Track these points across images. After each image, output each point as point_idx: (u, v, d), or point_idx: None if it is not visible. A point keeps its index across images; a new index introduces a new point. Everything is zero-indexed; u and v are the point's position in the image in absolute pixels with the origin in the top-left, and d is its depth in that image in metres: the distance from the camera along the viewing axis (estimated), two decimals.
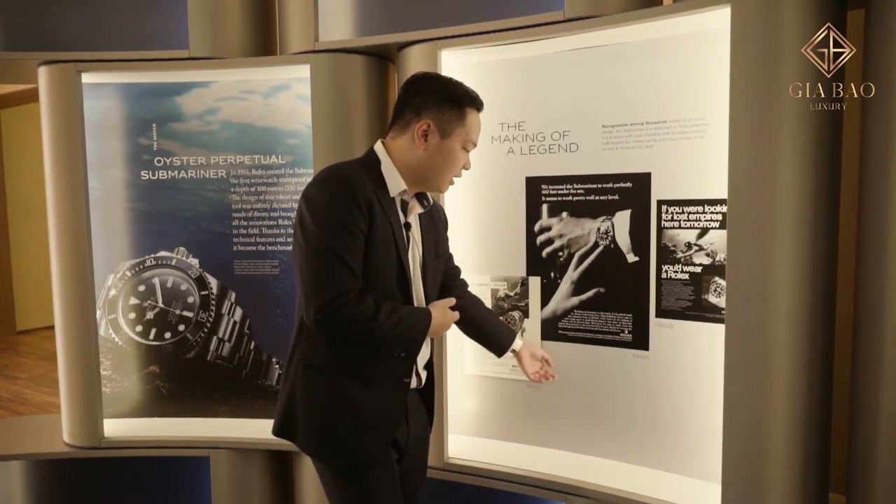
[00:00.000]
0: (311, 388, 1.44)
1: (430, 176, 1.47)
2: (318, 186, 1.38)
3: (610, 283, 1.93)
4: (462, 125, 1.45)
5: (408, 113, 1.46)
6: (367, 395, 1.42)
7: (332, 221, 1.34)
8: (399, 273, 1.44)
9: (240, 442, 2.32)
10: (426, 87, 1.46)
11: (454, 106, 1.44)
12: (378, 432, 1.44)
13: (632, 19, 1.71)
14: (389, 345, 1.41)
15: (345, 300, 1.33)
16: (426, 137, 1.43)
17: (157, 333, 2.42)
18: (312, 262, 1.35)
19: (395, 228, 1.43)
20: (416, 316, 1.44)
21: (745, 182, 1.57)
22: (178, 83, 2.32)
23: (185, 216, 2.38)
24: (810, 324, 1.58)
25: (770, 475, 1.60)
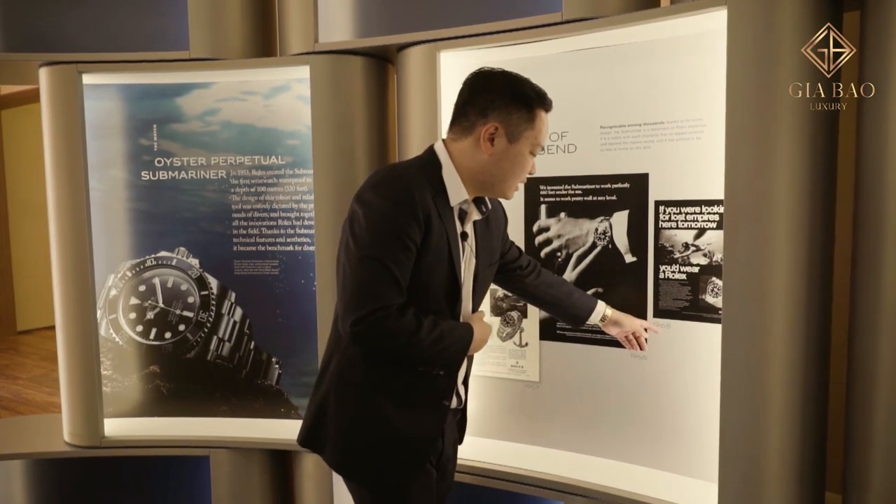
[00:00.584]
0: (345, 404, 1.36)
1: (496, 182, 1.37)
2: (376, 190, 1.29)
3: (608, 284, 1.93)
4: (531, 128, 1.35)
5: (472, 113, 1.34)
6: (403, 416, 1.34)
7: (386, 229, 1.25)
8: (449, 289, 1.36)
9: (240, 441, 2.33)
10: (492, 85, 1.35)
11: (523, 107, 1.34)
12: (412, 455, 1.37)
13: (629, 21, 1.72)
14: (428, 361, 1.33)
15: (385, 314, 1.24)
16: (493, 141, 1.33)
17: (157, 333, 2.43)
18: (357, 268, 1.25)
19: (451, 241, 1.34)
20: (458, 332, 1.35)
21: (742, 183, 1.58)
22: (178, 84, 2.33)
23: (185, 216, 2.39)
24: (806, 324, 1.59)
25: (767, 474, 1.61)
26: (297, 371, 2.39)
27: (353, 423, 1.37)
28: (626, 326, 1.74)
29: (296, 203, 2.35)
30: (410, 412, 1.36)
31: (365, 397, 1.36)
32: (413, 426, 1.36)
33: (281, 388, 2.41)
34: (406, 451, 1.37)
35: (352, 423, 1.37)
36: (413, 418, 1.36)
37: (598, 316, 1.72)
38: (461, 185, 1.36)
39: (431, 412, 1.38)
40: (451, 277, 1.35)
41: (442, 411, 1.39)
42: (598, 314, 1.72)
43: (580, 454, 2.01)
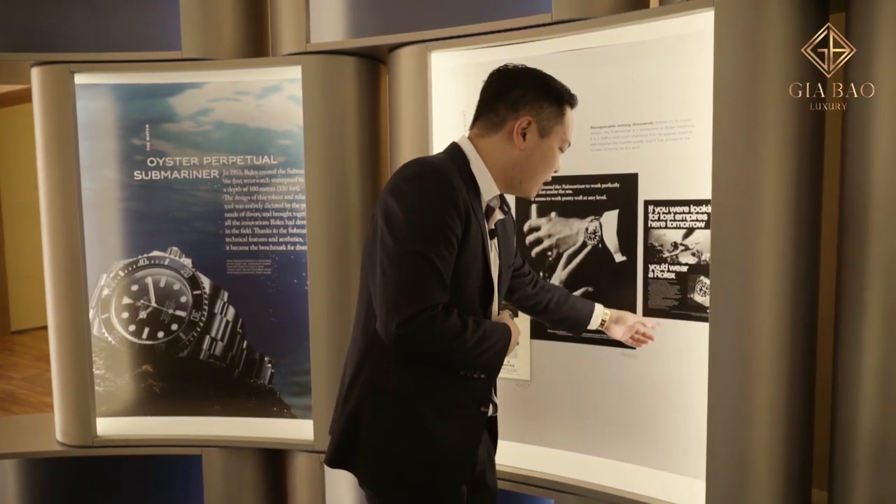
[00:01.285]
0: (380, 416, 1.28)
1: (525, 178, 1.35)
2: (413, 181, 1.22)
3: (598, 283, 1.95)
4: (561, 123, 1.35)
5: (502, 108, 1.32)
6: (443, 426, 1.27)
7: (427, 221, 1.18)
8: (483, 288, 1.32)
9: (232, 441, 2.34)
10: (522, 80, 1.34)
11: (554, 102, 1.33)
12: (454, 468, 1.30)
13: (618, 22, 1.73)
14: (471, 364, 1.28)
15: (433, 314, 1.17)
16: (524, 136, 1.32)
17: (150, 333, 2.43)
18: (398, 265, 1.17)
19: (484, 237, 1.30)
20: (498, 332, 1.29)
21: (729, 182, 1.59)
22: (171, 84, 2.34)
23: (177, 216, 2.39)
24: (793, 322, 1.60)
25: (753, 471, 1.63)
26: (290, 370, 2.40)
27: (391, 437, 1.28)
28: (630, 321, 1.74)
29: (288, 203, 2.35)
30: (450, 422, 1.29)
31: (402, 408, 1.28)
32: (453, 437, 1.29)
33: (273, 387, 2.41)
34: (446, 465, 1.30)
35: (388, 436, 1.28)
36: (453, 429, 1.29)
37: (598, 318, 1.71)
38: (492, 181, 1.33)
39: (471, 421, 1.32)
40: (484, 276, 1.31)
41: (481, 419, 1.33)
42: (597, 317, 1.72)
43: (570, 452, 2.02)
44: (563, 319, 1.71)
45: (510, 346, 1.33)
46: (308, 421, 2.30)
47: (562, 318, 1.71)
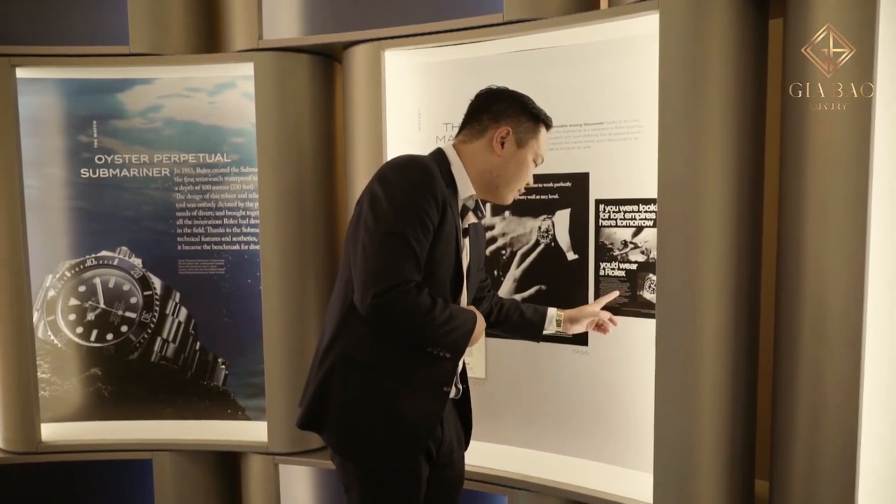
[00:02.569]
0: (350, 383, 1.39)
1: (501, 184, 1.51)
2: (398, 170, 1.38)
3: (551, 281, 1.97)
4: (536, 138, 1.52)
5: (485, 118, 1.50)
6: (406, 399, 1.39)
7: (408, 207, 1.32)
8: (455, 274, 1.44)
9: (184, 444, 2.29)
10: (505, 97, 1.52)
11: (531, 119, 1.51)
12: (414, 438, 1.41)
13: (567, 23, 1.76)
14: (438, 341, 1.39)
15: (406, 288, 1.30)
16: (503, 144, 1.48)
17: (98, 335, 2.37)
18: (380, 244, 1.31)
19: (458, 231, 1.43)
20: (465, 316, 1.42)
21: (674, 182, 1.63)
22: (119, 79, 2.28)
23: (127, 215, 2.33)
24: (736, 318, 1.65)
25: (699, 464, 1.67)
26: (244, 372, 2.36)
27: (358, 403, 1.39)
28: (586, 314, 1.77)
29: (242, 202, 2.32)
30: (414, 395, 1.40)
31: (370, 378, 1.39)
32: (415, 409, 1.40)
33: (227, 389, 2.37)
34: (406, 434, 1.40)
35: (356, 402, 1.39)
36: (416, 401, 1.40)
37: (553, 321, 1.76)
38: (468, 182, 1.48)
39: (433, 398, 1.43)
40: (456, 267, 1.44)
41: (443, 399, 1.44)
42: (551, 320, 1.76)
43: (524, 449, 2.04)
44: (518, 328, 1.76)
45: (475, 332, 1.44)
46: (262, 423, 2.27)
47: (517, 327, 1.76)
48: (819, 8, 1.40)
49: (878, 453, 1.46)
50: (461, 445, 1.61)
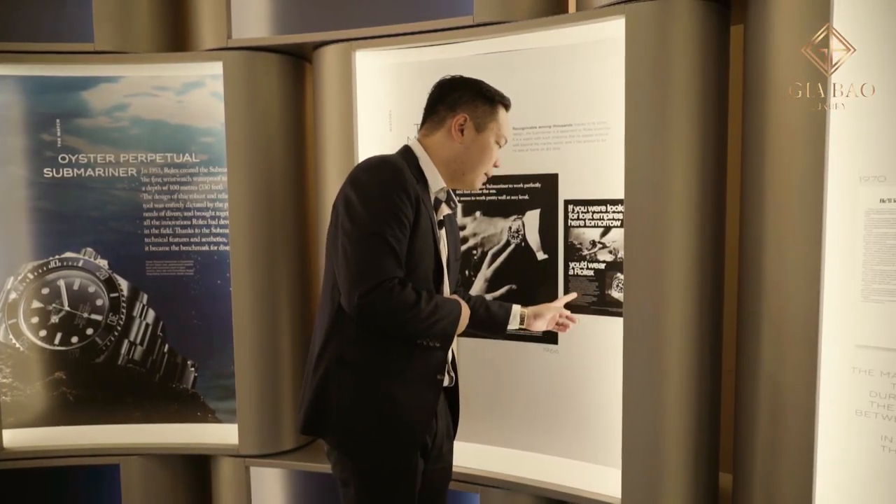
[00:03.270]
0: (345, 385, 1.42)
1: (466, 170, 1.53)
2: (369, 171, 1.40)
3: (521, 280, 1.99)
4: (495, 120, 1.53)
5: (442, 109, 1.52)
6: (402, 392, 1.43)
7: (383, 207, 1.35)
8: (435, 266, 1.47)
9: (152, 448, 2.26)
10: (459, 85, 1.53)
11: (487, 102, 1.52)
12: (412, 432, 1.45)
13: (535, 26, 1.78)
14: (426, 333, 1.42)
15: (390, 286, 1.33)
16: (463, 131, 1.50)
17: (62, 338, 2.32)
18: (359, 246, 1.34)
19: (433, 224, 1.46)
20: (450, 305, 1.46)
21: (640, 183, 1.66)
22: (83, 77, 2.23)
23: (92, 216, 2.29)
24: (700, 317, 1.69)
25: (666, 458, 1.70)
26: (215, 374, 2.34)
27: (355, 403, 1.42)
28: (549, 310, 1.79)
29: (211, 202, 2.29)
30: (408, 388, 1.43)
31: (365, 376, 1.42)
32: (411, 402, 1.44)
33: (197, 391, 2.35)
34: (404, 432, 1.44)
35: (353, 402, 1.42)
36: (411, 394, 1.44)
37: (517, 317, 1.77)
38: (438, 175, 1.51)
39: (428, 387, 1.46)
40: (436, 261, 1.47)
41: (437, 386, 1.48)
42: (515, 316, 1.78)
43: (495, 447, 2.06)
44: (483, 323, 1.76)
45: (461, 319, 1.48)
46: (232, 425, 2.25)
47: (482, 321, 1.76)
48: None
49: (834, 446, 1.51)
50: (450, 437, 1.63)
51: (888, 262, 1.43)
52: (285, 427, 2.24)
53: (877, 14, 1.40)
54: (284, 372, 2.22)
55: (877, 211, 1.44)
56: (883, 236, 1.43)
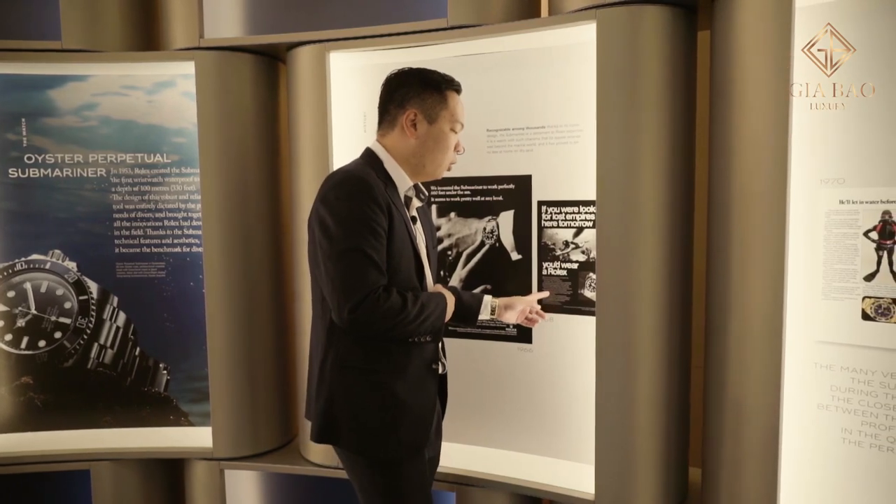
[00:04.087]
0: (352, 388, 1.47)
1: (426, 162, 1.54)
2: (336, 189, 1.42)
3: (496, 281, 2.02)
4: (445, 107, 1.53)
5: (392, 108, 1.53)
6: (405, 387, 1.47)
7: (355, 221, 1.38)
8: (417, 267, 1.51)
9: (124, 452, 2.23)
10: (404, 80, 1.53)
11: (435, 91, 1.52)
12: (420, 423, 1.50)
13: (509, 30, 1.80)
14: (417, 332, 1.47)
15: (375, 297, 1.37)
16: (415, 126, 1.51)
17: (29, 342, 2.27)
18: (339, 263, 1.38)
19: (407, 225, 1.49)
20: (435, 300, 1.51)
21: (611, 184, 1.69)
22: (50, 76, 2.19)
23: (60, 217, 2.25)
24: (670, 315, 1.73)
25: (637, 454, 1.74)
26: (188, 376, 2.31)
27: (364, 406, 1.47)
28: (521, 304, 1.79)
29: (183, 203, 2.27)
30: (410, 383, 1.49)
31: (369, 377, 1.47)
32: (415, 395, 1.49)
33: (170, 394, 2.32)
34: (413, 421, 1.49)
35: (362, 406, 1.47)
36: (413, 387, 1.49)
37: (488, 307, 1.77)
38: (404, 174, 1.53)
39: (426, 378, 1.52)
40: (415, 258, 1.50)
41: (435, 375, 1.55)
42: (486, 306, 1.77)
43: (471, 445, 2.08)
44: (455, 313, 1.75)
45: (448, 310, 1.55)
46: (206, 428, 2.23)
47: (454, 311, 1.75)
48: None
49: (798, 439, 1.56)
50: (440, 430, 1.68)
51: (847, 262, 1.49)
52: (260, 429, 2.23)
53: (841, 19, 1.45)
54: (259, 373, 2.21)
55: (836, 212, 1.49)
56: (842, 236, 1.49)
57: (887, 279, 1.45)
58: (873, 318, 1.47)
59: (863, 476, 1.50)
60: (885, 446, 1.47)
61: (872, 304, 1.46)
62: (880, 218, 1.45)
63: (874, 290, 1.46)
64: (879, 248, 1.46)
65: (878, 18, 1.41)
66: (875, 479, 1.49)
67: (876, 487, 1.49)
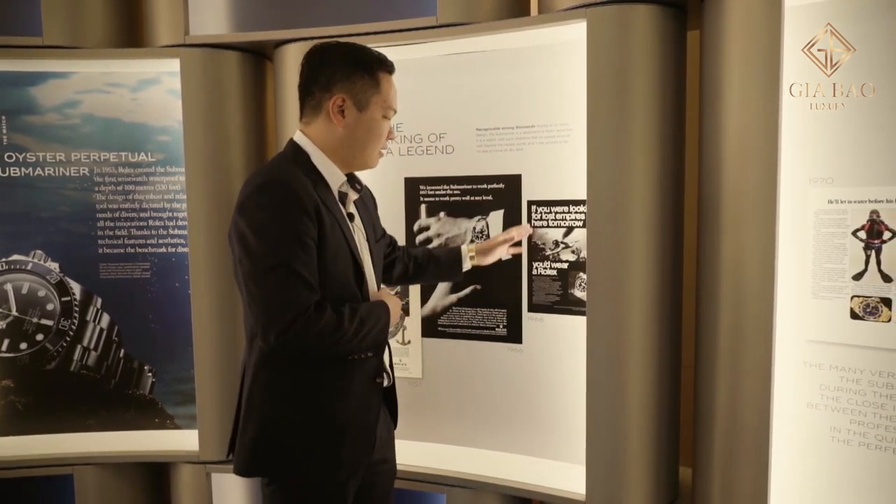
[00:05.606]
0: (286, 415, 1.31)
1: (356, 153, 1.36)
2: (256, 196, 1.23)
3: (485, 281, 2.00)
4: (378, 92, 1.34)
5: (317, 91, 1.32)
6: (345, 407, 1.33)
7: (279, 233, 1.21)
8: (354, 273, 1.35)
9: (108, 456, 2.19)
10: (331, 58, 1.32)
11: (365, 73, 1.32)
12: (362, 441, 1.36)
13: (498, 28, 1.79)
14: (356, 349, 1.32)
15: (306, 318, 1.21)
16: (343, 113, 1.32)
17: (10, 344, 2.22)
18: (262, 281, 1.21)
19: (342, 226, 1.33)
20: (376, 313, 1.35)
21: (602, 184, 1.69)
22: (31, 72, 2.15)
23: (42, 217, 2.20)
24: (661, 315, 1.73)
25: (628, 453, 1.74)
26: (174, 378, 2.28)
27: (300, 432, 1.31)
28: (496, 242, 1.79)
29: (168, 202, 2.23)
30: (351, 402, 1.34)
31: (304, 402, 1.31)
32: (356, 414, 1.35)
33: (155, 397, 2.28)
34: (353, 441, 1.35)
35: (298, 432, 1.31)
36: (355, 406, 1.34)
37: (467, 258, 1.77)
38: (335, 168, 1.36)
39: (369, 394, 1.38)
40: (353, 262, 1.35)
41: (378, 389, 1.40)
42: (464, 256, 1.77)
43: (461, 446, 2.06)
44: (437, 275, 1.77)
45: (392, 320, 1.39)
46: (192, 431, 2.20)
47: (435, 275, 1.77)
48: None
49: (788, 437, 1.57)
50: (391, 434, 1.54)
51: (836, 261, 1.49)
52: None
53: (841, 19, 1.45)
54: None
55: (825, 211, 1.50)
56: (831, 235, 1.49)
57: (875, 278, 1.46)
58: (862, 317, 1.47)
59: (851, 474, 1.51)
60: (874, 444, 1.48)
61: (861, 303, 1.47)
62: (868, 217, 1.46)
63: (862, 289, 1.47)
64: (867, 247, 1.46)
65: (878, 18, 1.42)
66: (864, 476, 1.50)
67: (864, 485, 1.50)
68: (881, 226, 1.45)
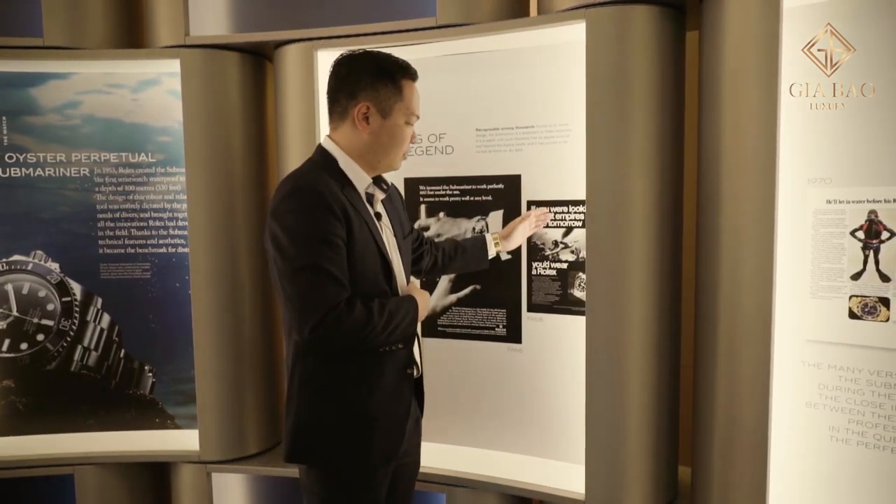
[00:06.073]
0: (319, 407, 1.40)
1: (381, 157, 1.44)
2: (287, 201, 1.32)
3: (485, 281, 2.01)
4: (401, 99, 1.41)
5: (343, 99, 1.40)
6: (378, 399, 1.41)
7: (310, 235, 1.30)
8: (383, 269, 1.42)
9: (108, 456, 2.19)
10: (355, 66, 1.40)
11: (389, 81, 1.39)
12: (394, 431, 1.44)
13: (498, 29, 1.80)
14: (387, 342, 1.40)
15: (338, 314, 1.29)
16: (367, 120, 1.39)
17: (11, 345, 2.23)
18: (296, 281, 1.30)
19: (370, 225, 1.40)
20: (405, 307, 1.42)
21: (601, 184, 1.69)
22: (32, 73, 2.15)
23: (42, 217, 2.21)
24: (660, 315, 1.73)
25: (628, 453, 1.74)
26: (174, 378, 2.28)
27: (333, 422, 1.40)
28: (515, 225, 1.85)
29: (168, 203, 2.24)
30: (383, 393, 1.42)
31: (337, 395, 1.40)
32: (388, 404, 1.43)
33: (155, 397, 2.29)
34: (388, 429, 1.43)
35: (331, 422, 1.40)
36: (387, 397, 1.42)
37: (492, 245, 1.84)
38: (361, 171, 1.43)
39: (401, 384, 1.45)
40: (381, 259, 1.42)
41: (409, 379, 1.48)
42: (490, 244, 1.84)
43: (461, 446, 2.07)
44: (465, 265, 1.84)
45: (420, 313, 1.46)
46: (193, 431, 2.20)
47: (463, 265, 1.84)
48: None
49: (787, 437, 1.57)
50: (419, 430, 1.62)
51: (834, 261, 1.50)
52: (248, 431, 2.21)
53: (841, 19, 1.46)
54: (246, 375, 2.19)
55: (823, 211, 1.50)
56: (829, 235, 1.50)
57: (873, 278, 1.46)
58: (860, 317, 1.48)
59: (850, 473, 1.51)
60: (872, 444, 1.48)
61: (859, 303, 1.48)
62: (866, 217, 1.46)
63: (861, 288, 1.47)
64: (866, 247, 1.47)
65: (878, 18, 1.42)
66: (862, 476, 1.50)
67: (863, 484, 1.50)
68: (879, 226, 1.45)
